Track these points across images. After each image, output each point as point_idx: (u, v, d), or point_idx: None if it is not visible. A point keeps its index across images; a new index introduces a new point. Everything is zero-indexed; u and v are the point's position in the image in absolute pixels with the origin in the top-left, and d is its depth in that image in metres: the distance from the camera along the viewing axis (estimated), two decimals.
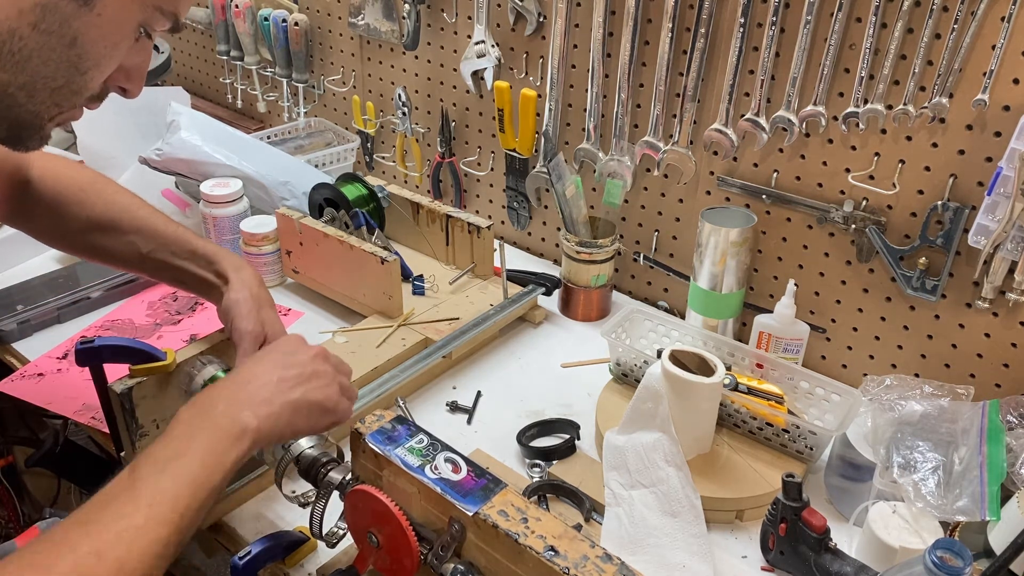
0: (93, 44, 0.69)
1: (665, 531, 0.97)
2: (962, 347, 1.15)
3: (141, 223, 1.04)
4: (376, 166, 1.85)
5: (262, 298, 0.99)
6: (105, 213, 1.04)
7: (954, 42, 1.03)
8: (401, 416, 0.88)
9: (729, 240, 1.23)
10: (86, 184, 1.06)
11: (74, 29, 0.67)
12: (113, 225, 1.04)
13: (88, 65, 0.70)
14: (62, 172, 1.06)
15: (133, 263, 1.06)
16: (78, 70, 0.70)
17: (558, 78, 1.44)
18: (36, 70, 0.67)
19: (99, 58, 0.71)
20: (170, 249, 1.03)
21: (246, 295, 0.97)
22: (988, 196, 1.03)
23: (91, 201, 1.05)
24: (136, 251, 1.04)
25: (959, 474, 0.93)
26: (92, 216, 1.04)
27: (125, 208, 1.05)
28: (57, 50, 0.67)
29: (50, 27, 0.66)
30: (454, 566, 0.78)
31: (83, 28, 0.68)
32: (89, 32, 0.68)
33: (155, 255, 1.03)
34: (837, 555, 0.91)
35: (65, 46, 0.68)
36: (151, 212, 1.06)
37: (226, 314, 0.98)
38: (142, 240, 1.04)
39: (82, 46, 0.68)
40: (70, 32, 0.67)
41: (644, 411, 1.05)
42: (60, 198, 1.04)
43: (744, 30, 1.20)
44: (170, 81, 2.13)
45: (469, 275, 1.46)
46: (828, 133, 1.18)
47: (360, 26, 1.71)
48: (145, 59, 0.77)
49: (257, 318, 0.96)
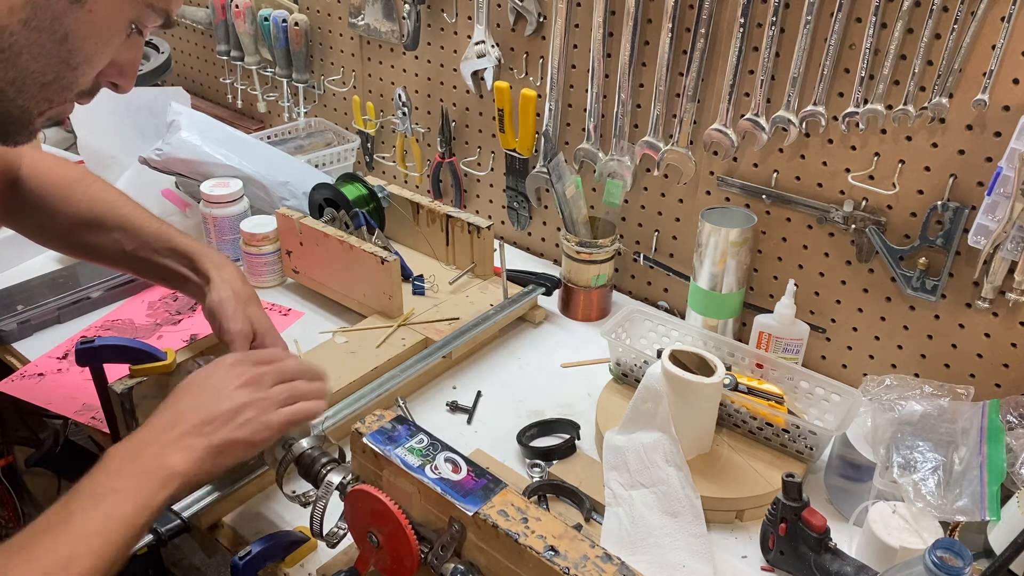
0: (84, 40, 0.69)
1: (665, 531, 0.97)
2: (962, 347, 1.15)
3: (124, 220, 1.04)
4: (376, 166, 1.85)
5: (246, 295, 0.99)
6: (90, 210, 1.04)
7: (954, 42, 1.03)
8: (401, 416, 0.88)
9: (729, 240, 1.23)
10: (73, 180, 1.06)
11: (65, 26, 0.67)
12: (98, 222, 1.03)
13: (79, 61, 0.70)
14: (50, 169, 1.06)
15: (120, 261, 1.05)
16: (68, 66, 0.70)
17: (558, 78, 1.44)
18: (26, 66, 0.67)
19: (90, 54, 0.71)
20: (152, 246, 1.03)
21: (229, 294, 0.97)
22: (988, 196, 1.03)
23: (76, 198, 1.04)
24: (121, 248, 1.03)
25: (959, 474, 0.93)
26: (78, 213, 1.04)
27: (110, 205, 1.05)
28: (47, 46, 0.68)
29: (41, 24, 0.66)
30: (454, 566, 0.78)
31: (74, 25, 0.68)
32: (80, 29, 0.69)
33: (139, 252, 1.03)
34: (837, 555, 0.91)
35: (56, 43, 0.68)
36: (134, 208, 1.05)
37: (212, 315, 0.97)
38: (126, 237, 1.03)
39: (73, 42, 0.69)
40: (61, 29, 0.67)
41: (644, 411, 1.05)
42: (47, 195, 1.04)
43: (744, 30, 1.20)
44: (170, 81, 2.13)
45: (469, 275, 1.46)
46: (828, 133, 1.18)
47: (360, 26, 1.71)
48: (137, 55, 0.77)
49: (244, 316, 0.96)
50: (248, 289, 1.00)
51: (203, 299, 0.99)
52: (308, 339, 1.33)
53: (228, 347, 0.95)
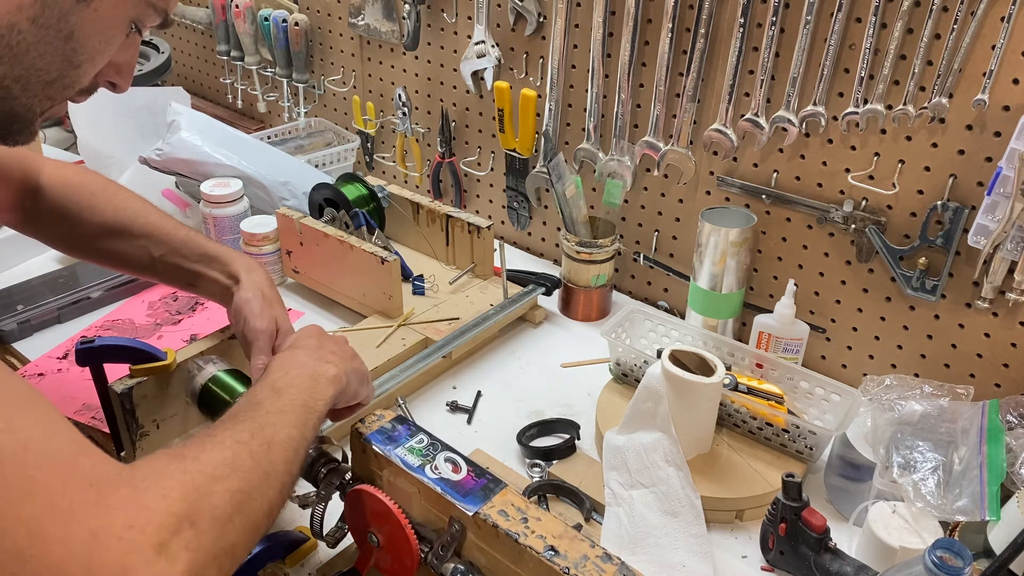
0: (88, 39, 0.70)
1: (665, 531, 0.97)
2: (962, 347, 1.15)
3: (152, 227, 1.06)
4: (376, 166, 1.85)
5: (272, 297, 1.01)
6: (116, 218, 1.06)
7: (954, 42, 1.03)
8: (401, 416, 0.88)
9: (729, 240, 1.23)
10: (97, 190, 1.08)
11: (71, 24, 0.68)
12: (124, 230, 1.05)
13: (82, 59, 0.71)
14: (72, 179, 1.07)
15: (144, 267, 1.07)
16: (72, 64, 0.70)
17: (558, 78, 1.44)
18: (32, 63, 0.68)
19: (93, 52, 0.72)
20: (181, 252, 1.04)
21: (257, 294, 0.99)
22: (988, 196, 1.03)
23: (101, 207, 1.06)
24: (147, 255, 1.05)
25: (959, 474, 0.93)
26: (103, 221, 1.05)
27: (136, 213, 1.06)
28: (54, 44, 0.68)
29: (48, 21, 0.67)
30: (454, 566, 0.78)
31: (80, 23, 0.69)
32: (85, 27, 0.69)
33: (167, 259, 1.05)
34: (837, 555, 0.91)
35: (62, 40, 0.68)
36: (161, 216, 1.08)
37: (238, 313, 0.98)
38: (153, 244, 1.05)
39: (78, 40, 0.69)
40: (67, 26, 0.68)
41: (644, 411, 1.05)
42: (71, 204, 1.06)
43: (744, 30, 1.20)
44: (170, 81, 2.13)
45: (469, 275, 1.46)
46: (828, 133, 1.18)
47: (360, 26, 1.71)
48: (134, 55, 0.78)
49: (270, 316, 0.97)
50: (274, 292, 1.02)
51: (230, 300, 1.01)
52: None
53: (251, 345, 0.95)
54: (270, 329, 0.96)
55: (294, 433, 0.73)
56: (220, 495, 0.61)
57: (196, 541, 0.57)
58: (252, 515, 0.64)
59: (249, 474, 0.65)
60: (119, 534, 0.53)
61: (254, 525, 0.64)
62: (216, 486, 0.61)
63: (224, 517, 0.60)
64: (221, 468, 0.63)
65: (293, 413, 0.75)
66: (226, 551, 0.60)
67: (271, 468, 0.68)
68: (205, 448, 0.65)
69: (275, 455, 0.69)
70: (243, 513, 0.62)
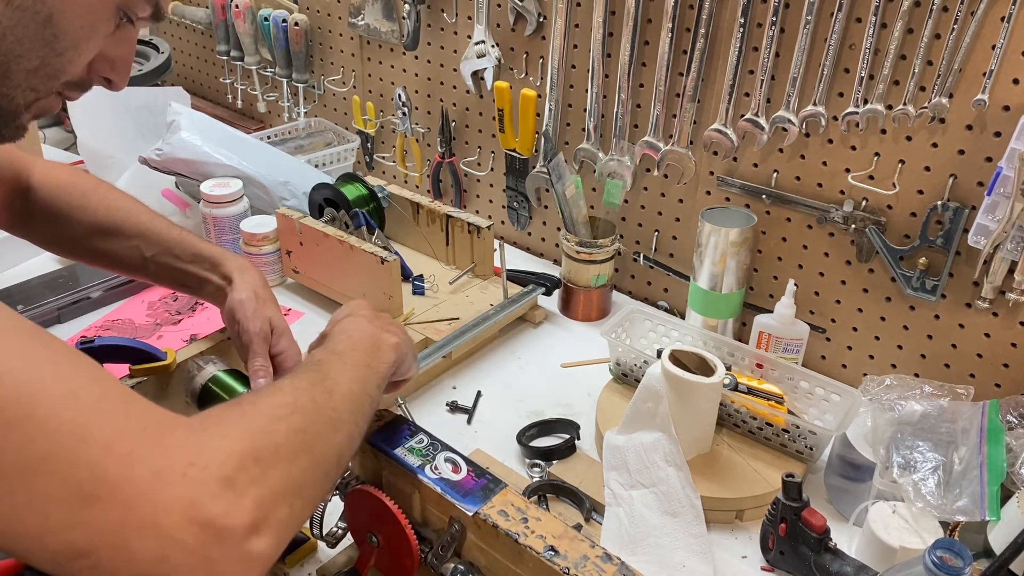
0: (69, 23, 0.68)
1: (665, 531, 0.97)
2: (962, 347, 1.15)
3: (144, 227, 1.05)
4: (376, 166, 1.85)
5: (266, 297, 1.00)
6: (108, 218, 1.05)
7: (954, 42, 1.03)
8: (401, 416, 0.88)
9: (729, 240, 1.23)
10: (88, 190, 1.07)
11: (48, 5, 0.66)
12: (116, 230, 1.04)
13: (64, 46, 0.69)
14: (64, 179, 1.06)
15: (135, 267, 1.06)
16: (54, 51, 0.69)
17: (558, 78, 1.44)
18: (10, 49, 0.66)
19: (76, 39, 0.70)
20: (173, 252, 1.04)
21: (250, 295, 0.98)
22: (988, 196, 1.03)
23: (93, 207, 1.05)
24: (139, 255, 1.04)
25: (959, 474, 0.93)
26: (95, 221, 1.05)
27: (128, 213, 1.06)
28: (31, 27, 0.66)
29: (23, 3, 0.65)
30: (454, 566, 0.78)
31: (58, 6, 0.67)
32: (64, 9, 0.67)
33: (158, 259, 1.04)
34: (837, 555, 0.91)
35: (39, 24, 0.66)
36: (153, 216, 1.07)
37: (231, 315, 0.98)
38: (145, 244, 1.04)
39: (57, 25, 0.67)
40: (44, 9, 0.66)
41: (644, 411, 1.05)
42: (62, 205, 1.05)
43: (744, 30, 1.20)
44: (170, 81, 2.13)
45: (469, 275, 1.46)
46: (828, 133, 1.18)
47: (360, 26, 1.71)
48: (129, 50, 0.76)
49: (264, 317, 0.97)
50: (268, 292, 1.01)
51: (223, 301, 1.00)
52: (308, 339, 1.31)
53: (246, 347, 0.95)
54: (264, 330, 0.95)
55: (355, 388, 0.72)
56: (283, 433, 0.60)
57: (262, 476, 0.56)
58: (319, 456, 0.63)
59: (312, 416, 0.64)
60: (182, 471, 0.53)
61: (322, 468, 0.63)
62: (278, 425, 0.60)
63: (289, 455, 0.59)
64: (281, 409, 0.62)
65: (355, 370, 0.74)
66: (294, 491, 0.59)
67: (335, 415, 0.67)
68: (263, 394, 0.65)
69: (338, 403, 0.68)
70: (309, 452, 0.61)
